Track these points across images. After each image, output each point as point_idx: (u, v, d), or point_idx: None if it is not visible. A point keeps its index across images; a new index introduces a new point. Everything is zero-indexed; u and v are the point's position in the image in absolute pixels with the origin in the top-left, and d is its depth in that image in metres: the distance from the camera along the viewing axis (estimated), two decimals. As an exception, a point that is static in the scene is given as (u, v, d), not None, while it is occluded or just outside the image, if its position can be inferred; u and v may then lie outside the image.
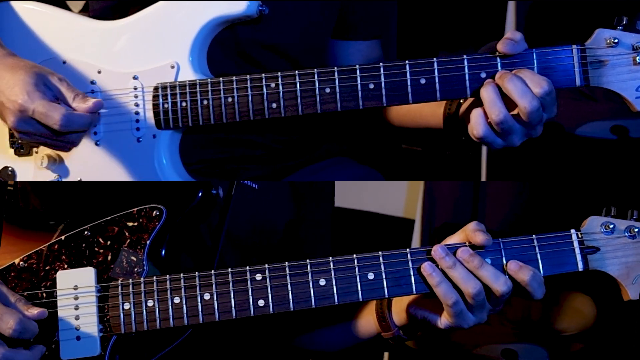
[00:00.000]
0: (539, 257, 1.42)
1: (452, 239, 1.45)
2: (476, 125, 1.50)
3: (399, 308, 1.52)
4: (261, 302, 1.42)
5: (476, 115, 1.50)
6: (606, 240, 1.43)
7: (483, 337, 2.77)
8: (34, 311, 1.42)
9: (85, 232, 1.50)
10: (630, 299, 1.42)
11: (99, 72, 1.70)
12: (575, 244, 1.43)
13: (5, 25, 1.74)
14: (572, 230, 1.44)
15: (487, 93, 1.48)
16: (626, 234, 1.43)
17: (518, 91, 1.46)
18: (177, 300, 1.44)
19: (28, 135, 1.57)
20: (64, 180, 1.70)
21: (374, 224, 3.17)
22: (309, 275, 1.43)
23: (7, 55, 1.62)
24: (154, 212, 1.50)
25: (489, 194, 2.95)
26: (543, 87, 1.46)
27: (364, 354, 1.65)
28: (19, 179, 1.73)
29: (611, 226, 1.43)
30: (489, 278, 1.39)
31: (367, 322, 1.59)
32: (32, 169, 1.72)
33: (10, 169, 1.74)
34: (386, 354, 2.92)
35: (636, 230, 1.43)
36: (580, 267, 1.43)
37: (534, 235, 1.43)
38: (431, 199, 3.01)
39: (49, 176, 1.70)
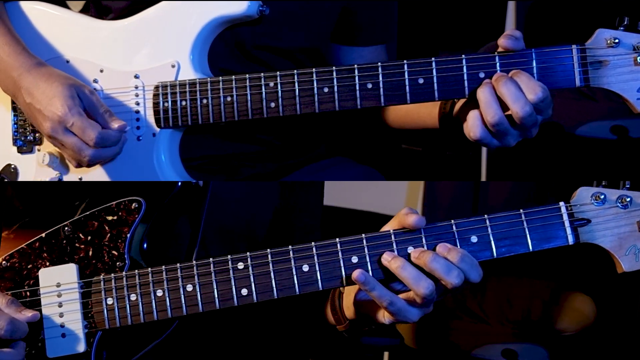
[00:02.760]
0: (527, 232, 1.37)
1: (386, 227, 1.43)
2: (472, 127, 1.49)
3: (348, 302, 1.48)
4: (244, 291, 1.40)
5: (472, 116, 1.49)
6: (597, 212, 1.37)
7: (483, 337, 2.77)
8: (27, 313, 1.42)
9: (66, 228, 1.49)
10: (624, 271, 1.36)
11: (101, 71, 1.70)
12: (565, 217, 1.37)
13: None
14: (561, 203, 1.38)
15: (484, 94, 1.48)
16: (618, 203, 1.37)
17: (511, 96, 1.45)
18: (159, 293, 1.42)
19: (58, 143, 1.60)
20: (64, 178, 1.71)
21: (374, 224, 3.16)
22: (292, 261, 1.40)
23: (38, 65, 1.64)
24: (133, 205, 1.48)
25: (489, 194, 2.95)
26: (537, 94, 1.45)
27: (364, 354, 1.64)
28: (21, 176, 1.73)
29: (602, 196, 1.37)
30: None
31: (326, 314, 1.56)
32: (34, 166, 1.73)
33: (13, 166, 1.74)
34: (386, 354, 2.92)
35: (628, 199, 1.37)
36: (571, 240, 1.37)
37: (521, 210, 1.39)
38: (431, 199, 3.01)
39: (50, 174, 1.71)
